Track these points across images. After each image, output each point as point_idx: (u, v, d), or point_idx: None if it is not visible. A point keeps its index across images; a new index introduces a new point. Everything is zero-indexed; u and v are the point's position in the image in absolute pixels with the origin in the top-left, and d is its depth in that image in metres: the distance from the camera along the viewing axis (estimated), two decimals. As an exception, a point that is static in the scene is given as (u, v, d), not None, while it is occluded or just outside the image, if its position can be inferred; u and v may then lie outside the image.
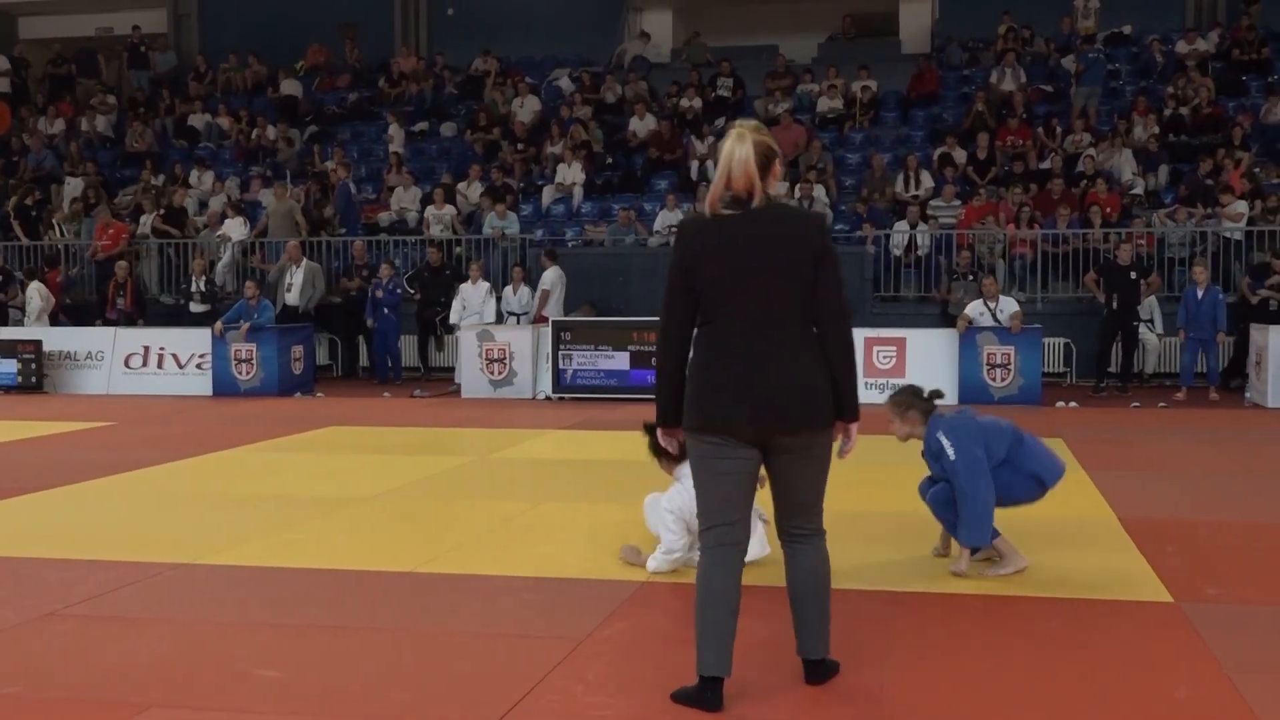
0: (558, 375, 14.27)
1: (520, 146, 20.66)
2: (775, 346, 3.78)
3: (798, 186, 17.82)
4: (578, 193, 19.42)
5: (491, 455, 9.90)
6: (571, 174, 19.49)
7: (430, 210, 18.38)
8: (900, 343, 14.01)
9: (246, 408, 13.84)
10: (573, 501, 7.65)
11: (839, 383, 3.84)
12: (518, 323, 16.10)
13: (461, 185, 19.47)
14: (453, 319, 15.65)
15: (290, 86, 23.35)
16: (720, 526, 3.86)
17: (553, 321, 14.51)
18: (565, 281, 16.24)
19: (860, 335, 13.46)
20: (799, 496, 3.94)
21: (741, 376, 3.77)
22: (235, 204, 19.40)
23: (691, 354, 3.87)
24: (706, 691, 3.87)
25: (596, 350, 14.13)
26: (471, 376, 14.78)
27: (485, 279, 15.79)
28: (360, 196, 19.71)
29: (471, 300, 15.57)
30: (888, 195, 18.25)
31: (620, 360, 14.04)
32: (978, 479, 5.58)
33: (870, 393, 13.69)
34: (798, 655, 4.13)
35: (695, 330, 3.87)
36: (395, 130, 21.45)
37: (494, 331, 14.92)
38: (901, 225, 17.24)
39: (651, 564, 5.79)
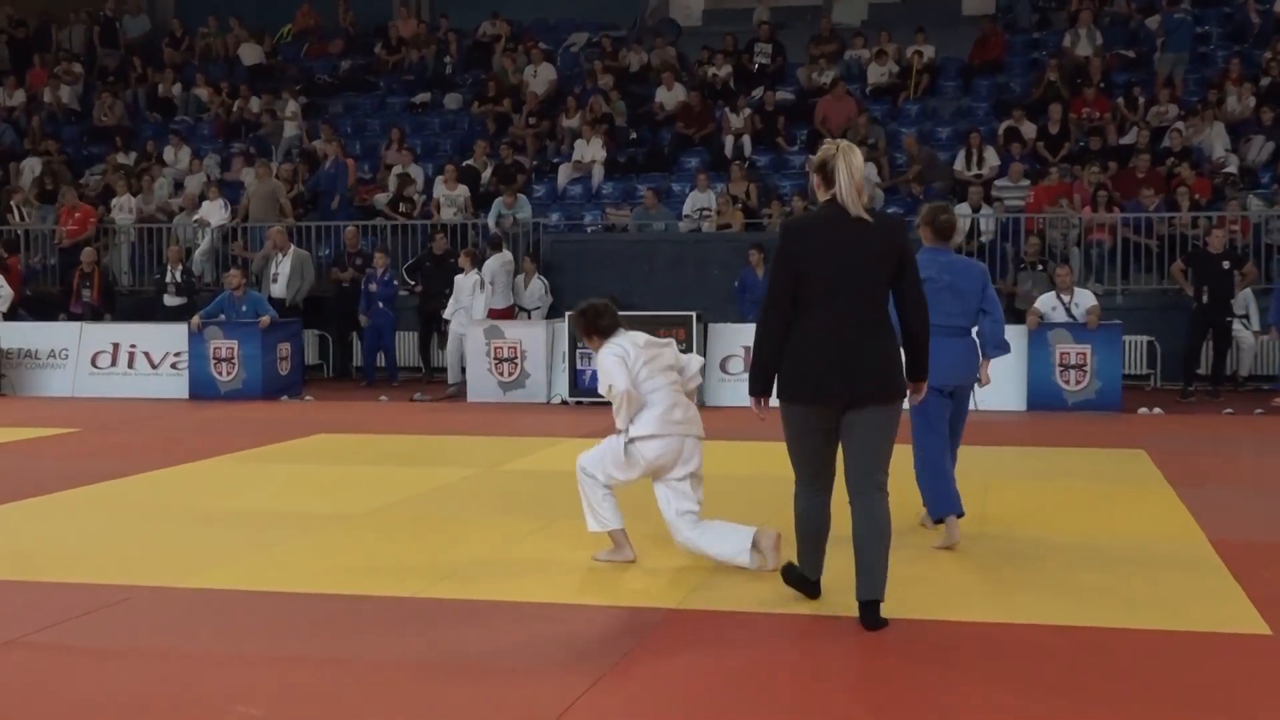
0: (575, 377, 14.28)
1: (533, 120, 20.69)
2: (862, 333, 5.14)
3: (845, 164, 17.76)
4: (597, 172, 19.43)
5: (500, 467, 9.91)
6: (591, 151, 19.51)
7: (440, 190, 18.38)
8: (961, 341, 13.92)
9: (227, 412, 13.90)
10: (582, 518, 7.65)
11: (918, 352, 5.35)
12: (529, 318, 16.12)
13: (467, 163, 19.51)
14: (447, 313, 15.66)
15: (251, 54, 23.40)
16: (811, 475, 5.37)
17: (569, 317, 14.50)
18: (511, 269, 16.24)
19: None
20: (869, 457, 5.22)
21: (835, 358, 5.13)
22: (215, 184, 19.51)
23: (790, 332, 5.21)
24: (805, 585, 5.61)
25: (619, 349, 14.13)
26: (478, 378, 14.81)
27: (477, 268, 15.66)
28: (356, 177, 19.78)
29: (462, 292, 15.52)
30: (945, 174, 18.17)
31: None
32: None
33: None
34: (856, 598, 5.29)
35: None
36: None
37: (504, 328, 14.94)
38: (962, 209, 17.16)
39: (591, 524, 6.49)
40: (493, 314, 15.41)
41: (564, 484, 9.09)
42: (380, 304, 16.55)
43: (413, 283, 16.79)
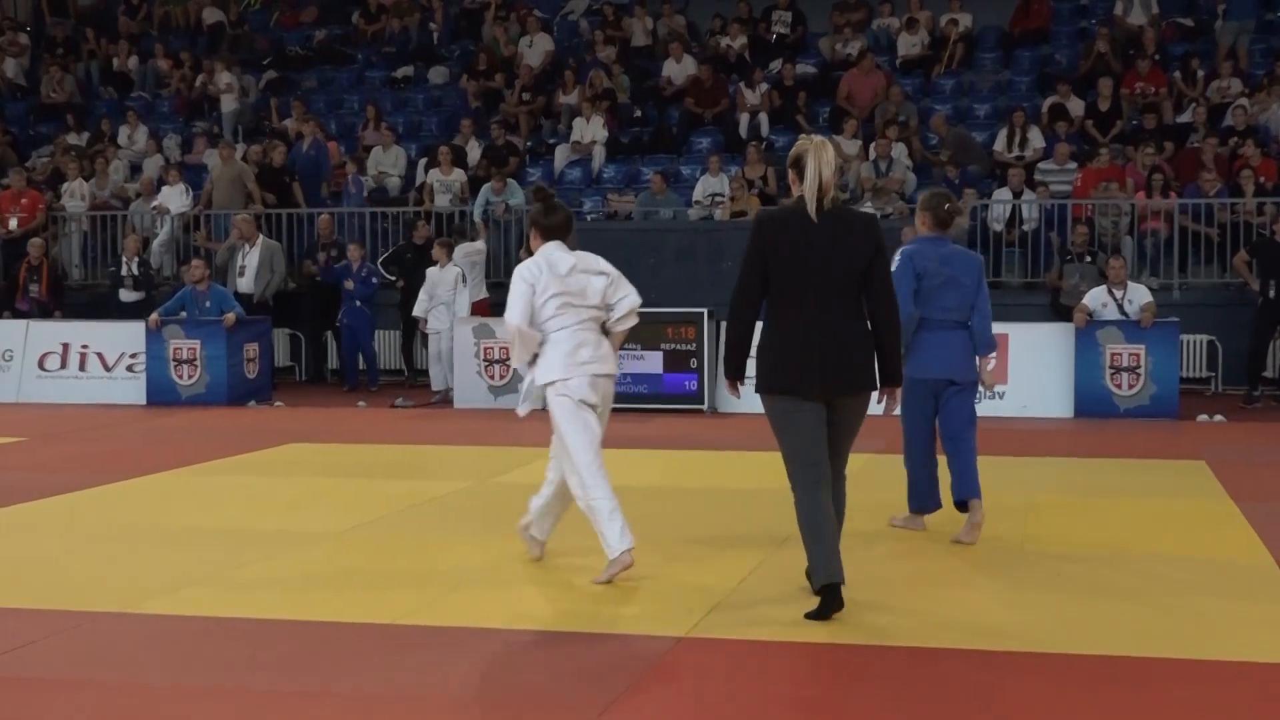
0: (573, 381, 14.27)
1: (527, 96, 20.72)
2: (835, 328, 5.79)
3: (873, 145, 17.81)
4: (599, 154, 19.46)
5: (491, 480, 9.91)
6: (591, 130, 19.53)
7: (435, 176, 18.35)
8: (1001, 340, 13.77)
9: (188, 420, 13.92)
10: (593, 538, 7.65)
11: (889, 355, 5.91)
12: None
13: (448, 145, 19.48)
14: (417, 310, 15.50)
15: (214, 18, 23.46)
16: (807, 468, 5.85)
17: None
18: (480, 260, 16.30)
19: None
20: (839, 450, 5.98)
21: (810, 352, 5.78)
22: (175, 168, 19.53)
23: (765, 327, 5.89)
24: (830, 598, 5.81)
25: (621, 350, 14.07)
26: (466, 381, 14.83)
27: (453, 261, 15.58)
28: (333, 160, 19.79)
29: (437, 287, 15.41)
30: (981, 156, 18.18)
31: (651, 362, 14.03)
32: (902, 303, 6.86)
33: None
34: (815, 585, 5.92)
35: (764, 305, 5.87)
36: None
37: (495, 327, 14.94)
38: (1002, 193, 17.18)
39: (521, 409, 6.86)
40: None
41: (561, 499, 9.11)
42: (358, 302, 16.55)
43: (391, 277, 16.77)
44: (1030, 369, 13.74)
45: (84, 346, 15.90)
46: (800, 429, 5.85)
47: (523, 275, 6.63)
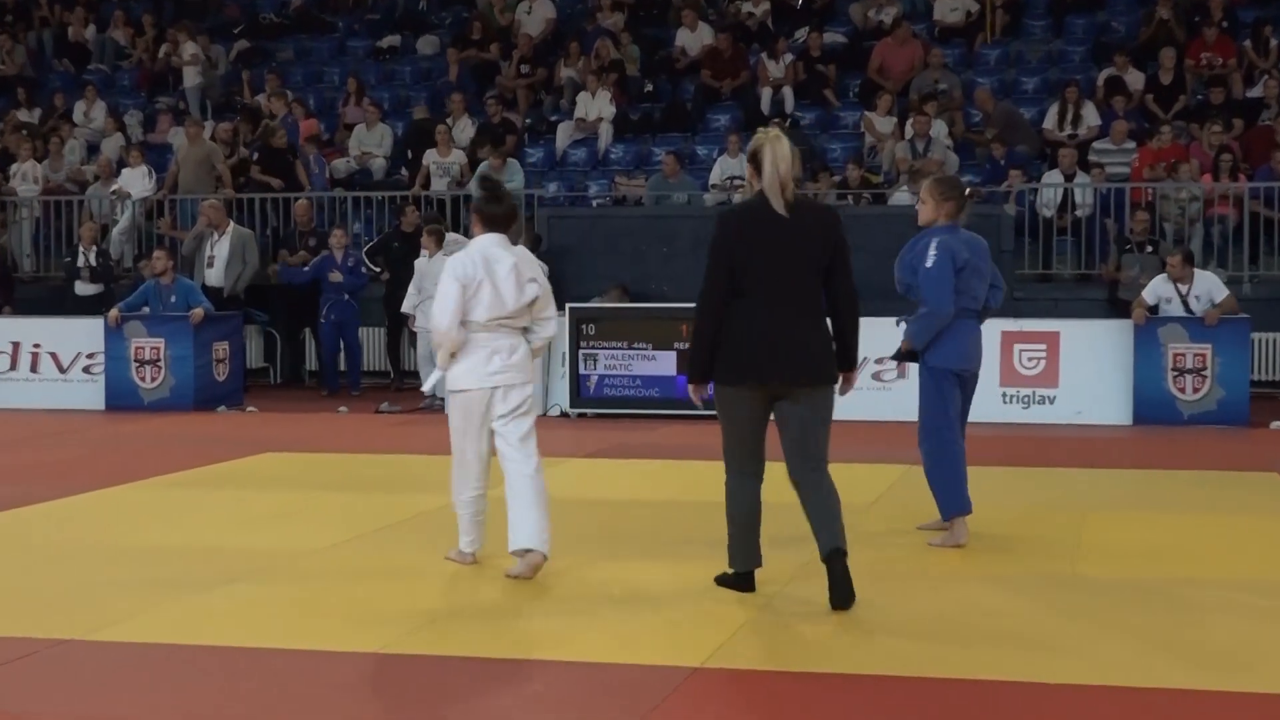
0: (577, 384, 14.30)
1: (526, 69, 20.74)
2: (794, 321, 6.44)
3: (909, 122, 17.80)
4: (605, 132, 19.47)
5: (487, 494, 9.92)
6: (597, 106, 19.55)
7: (431, 157, 18.32)
8: (1051, 339, 13.95)
9: (152, 426, 13.94)
10: (597, 559, 7.66)
11: (848, 343, 6.61)
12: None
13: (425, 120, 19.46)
14: (406, 306, 15.46)
15: None
16: (744, 458, 6.64)
17: (570, 309, 14.53)
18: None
19: (995, 327, 13.39)
20: (809, 441, 6.56)
21: (767, 343, 6.41)
22: (137, 147, 19.56)
23: (726, 320, 6.46)
24: (740, 580, 6.77)
25: (630, 349, 14.14)
26: (459, 385, 14.81)
27: (444, 251, 15.55)
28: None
29: (425, 279, 15.28)
30: (1030, 135, 18.16)
31: (664, 363, 14.03)
32: (944, 297, 7.65)
33: (1010, 407, 13.65)
34: (821, 551, 6.48)
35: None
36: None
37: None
38: (1053, 176, 17.17)
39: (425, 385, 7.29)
40: None
41: (565, 514, 9.10)
42: (346, 295, 16.49)
43: (377, 269, 16.77)
44: (1084, 371, 13.73)
45: (36, 346, 15.92)
46: (749, 418, 6.55)
47: (455, 273, 7.18)
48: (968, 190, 8.00)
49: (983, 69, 20.07)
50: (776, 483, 6.70)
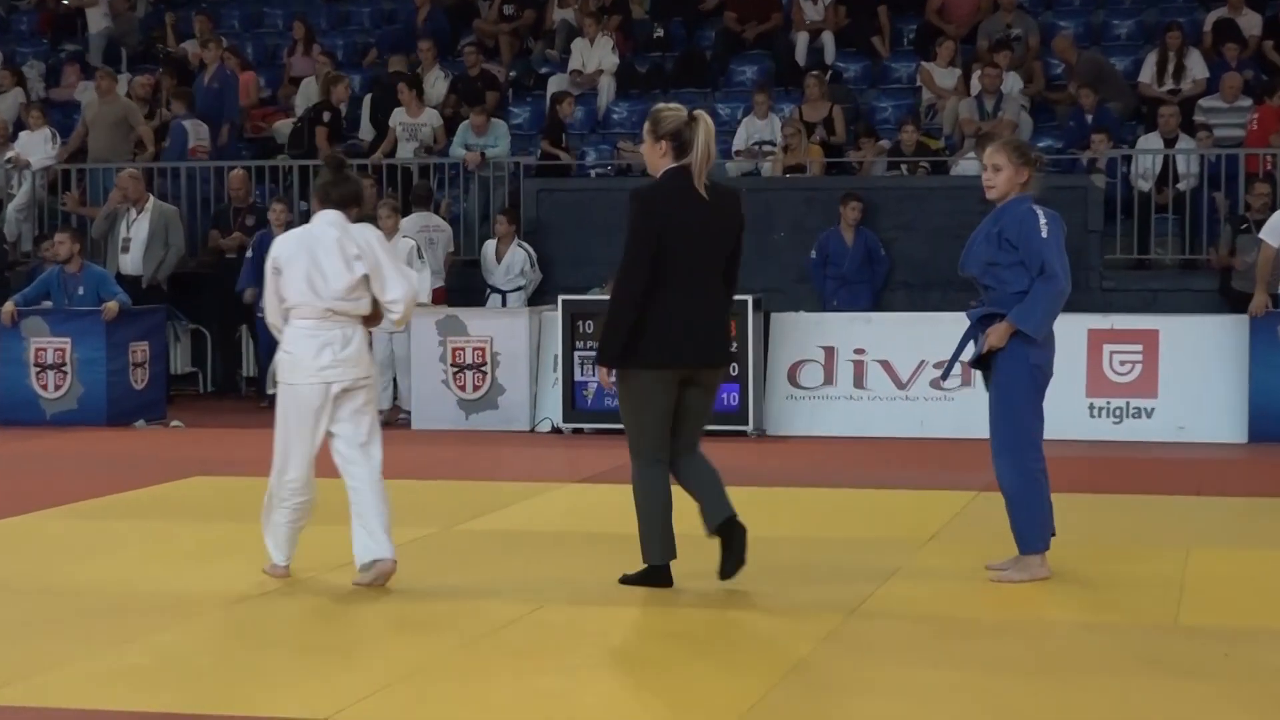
0: (572, 393, 14.29)
1: (510, 10, 20.74)
2: (710, 303, 7.71)
3: (975, 75, 17.74)
4: (606, 87, 19.46)
5: (461, 525, 9.92)
6: (596, 56, 19.53)
7: (399, 118, 18.28)
8: (1149, 338, 13.91)
9: (55, 445, 13.93)
10: (593, 603, 7.65)
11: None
12: (503, 304, 16.10)
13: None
14: None
15: None
16: (657, 445, 7.69)
17: (563, 302, 14.52)
18: (446, 236, 16.42)
19: (1080, 324, 13.37)
20: (699, 422, 7.87)
21: (691, 324, 7.60)
22: (38, 105, 19.54)
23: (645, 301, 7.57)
24: (658, 575, 7.76)
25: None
26: (428, 393, 14.85)
27: (402, 232, 15.47)
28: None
29: None
30: (1123, 90, 18.11)
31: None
32: (1066, 272, 7.78)
33: (1098, 422, 13.61)
34: (710, 531, 7.71)
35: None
36: None
37: (465, 319, 14.94)
38: (1150, 140, 17.12)
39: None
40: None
41: (556, 550, 9.09)
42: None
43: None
44: (1188, 377, 13.71)
45: (-85, 347, 15.90)
46: (663, 406, 7.64)
47: (272, 257, 7.84)
48: (1033, 156, 8.08)
49: (1065, 10, 20.04)
50: (840, 513, 6.69)
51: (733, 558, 7.64)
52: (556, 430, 14.43)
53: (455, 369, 14.79)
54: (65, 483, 11.56)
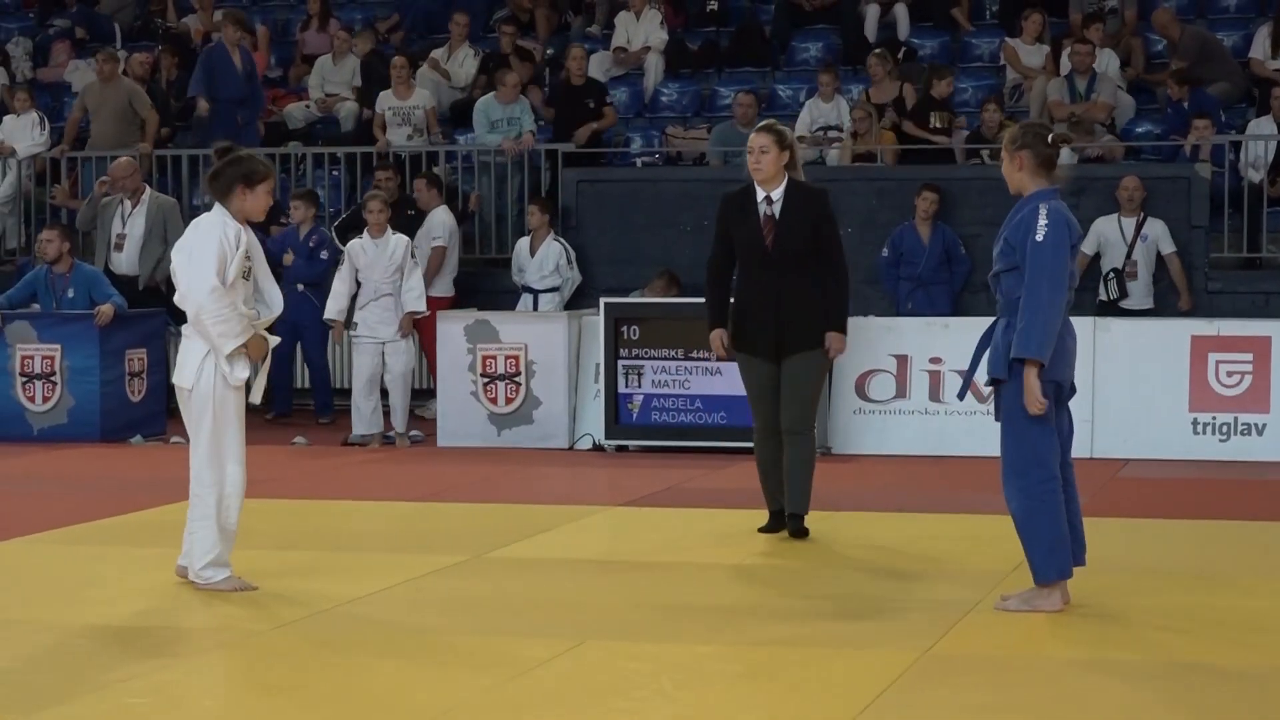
0: (615, 407, 14.31)
1: (547, -19, 20.77)
2: (790, 289, 10.08)
3: (1066, 52, 17.68)
4: (654, 66, 19.47)
5: (492, 553, 9.94)
6: (642, 32, 19.55)
7: (386, 100, 18.33)
8: (1260, 346, 13.83)
9: (44, 463, 13.98)
10: (639, 639, 7.69)
11: (835, 305, 10.29)
12: (534, 307, 16.08)
13: (438, 53, 19.52)
14: (330, 310, 15.25)
15: None
16: (762, 417, 10.22)
17: (605, 305, 14.50)
18: (450, 233, 16.51)
19: (1183, 330, 13.31)
20: (793, 401, 10.10)
21: (766, 310, 10.09)
22: (24, 87, 19.61)
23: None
24: (776, 521, 10.33)
25: (687, 360, 14.13)
26: (456, 406, 14.89)
27: (394, 228, 15.33)
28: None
29: (378, 269, 14.86)
30: (1231, 69, 18.06)
31: (731, 378, 13.92)
32: (1060, 281, 7.73)
33: (1203, 439, 13.55)
34: (786, 512, 10.17)
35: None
36: None
37: (497, 324, 14.92)
38: (1262, 125, 17.07)
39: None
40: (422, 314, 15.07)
41: (597, 581, 9.10)
42: (300, 287, 16.25)
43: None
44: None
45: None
46: (753, 385, 10.36)
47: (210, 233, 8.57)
48: (1050, 138, 8.04)
49: (1165, -20, 20.02)
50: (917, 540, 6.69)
51: (794, 529, 10.20)
52: (598, 447, 14.46)
53: (486, 379, 14.76)
54: (52, 506, 11.61)
